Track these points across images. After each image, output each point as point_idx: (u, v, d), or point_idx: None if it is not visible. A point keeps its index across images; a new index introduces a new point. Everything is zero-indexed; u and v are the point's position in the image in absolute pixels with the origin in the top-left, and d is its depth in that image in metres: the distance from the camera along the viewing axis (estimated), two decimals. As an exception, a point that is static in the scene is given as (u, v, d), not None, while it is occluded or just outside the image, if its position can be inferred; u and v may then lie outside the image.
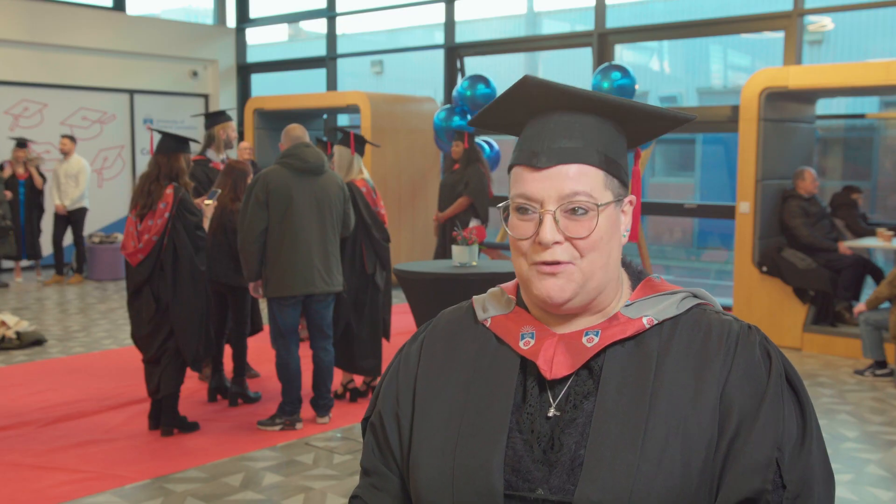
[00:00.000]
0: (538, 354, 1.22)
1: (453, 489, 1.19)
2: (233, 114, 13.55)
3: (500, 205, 1.26)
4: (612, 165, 1.21)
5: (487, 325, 1.30)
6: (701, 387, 1.16)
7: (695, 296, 1.26)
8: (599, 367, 1.20)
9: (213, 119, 6.11)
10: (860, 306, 6.38)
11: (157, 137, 4.97)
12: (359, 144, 5.58)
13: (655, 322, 1.21)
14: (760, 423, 1.14)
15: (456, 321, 1.35)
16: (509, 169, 1.25)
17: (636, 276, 1.30)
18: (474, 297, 1.37)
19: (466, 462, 1.19)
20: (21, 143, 10.45)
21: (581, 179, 1.18)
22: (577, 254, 1.18)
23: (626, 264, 1.30)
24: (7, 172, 10.35)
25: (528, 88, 1.22)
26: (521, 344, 1.24)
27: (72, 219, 10.54)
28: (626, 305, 1.24)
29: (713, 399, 1.15)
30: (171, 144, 4.92)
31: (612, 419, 1.15)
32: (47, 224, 10.78)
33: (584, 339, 1.21)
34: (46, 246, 10.93)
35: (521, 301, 1.30)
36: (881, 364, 6.37)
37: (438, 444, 1.23)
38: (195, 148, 5.51)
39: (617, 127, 1.24)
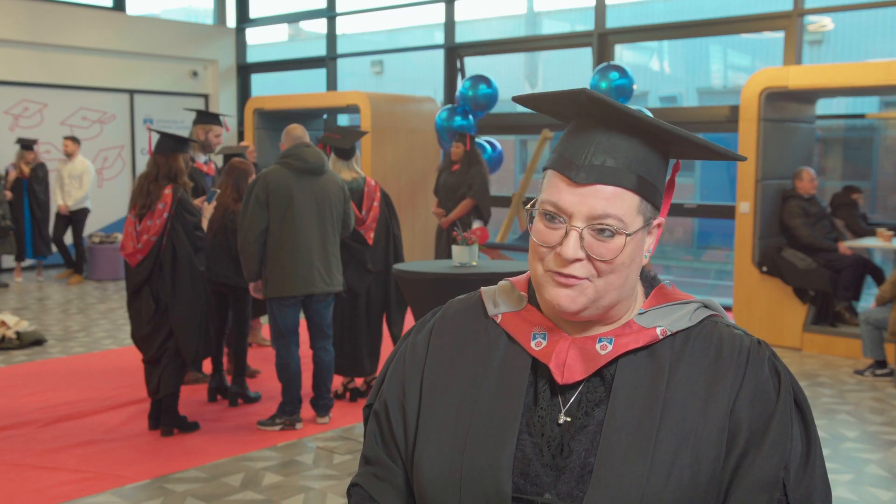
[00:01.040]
0: (550, 357, 1.21)
1: (461, 489, 1.18)
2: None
3: (528, 206, 1.24)
4: (648, 189, 1.19)
5: (498, 321, 1.29)
6: (711, 400, 1.16)
7: (706, 306, 1.26)
8: (611, 375, 1.20)
9: (198, 118, 5.98)
10: (872, 307, 6.40)
11: (155, 137, 4.97)
12: (337, 149, 5.55)
13: (669, 333, 1.21)
14: (769, 441, 1.15)
15: (465, 313, 1.33)
16: (544, 169, 1.23)
17: (649, 282, 1.29)
18: (482, 289, 1.35)
19: (475, 462, 1.18)
20: (27, 146, 10.46)
21: (615, 202, 1.16)
22: (596, 273, 1.17)
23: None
24: (13, 175, 10.35)
25: (581, 98, 1.19)
26: (532, 344, 1.23)
27: (73, 219, 10.55)
28: (640, 314, 1.23)
29: (723, 414, 1.16)
30: (170, 144, 4.91)
31: (623, 428, 1.15)
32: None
33: (597, 346, 1.21)
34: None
35: (532, 299, 1.29)
36: (881, 364, 6.37)
37: (446, 442, 1.21)
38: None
39: (661, 150, 1.22)
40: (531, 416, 1.20)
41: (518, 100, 1.32)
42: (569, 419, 1.19)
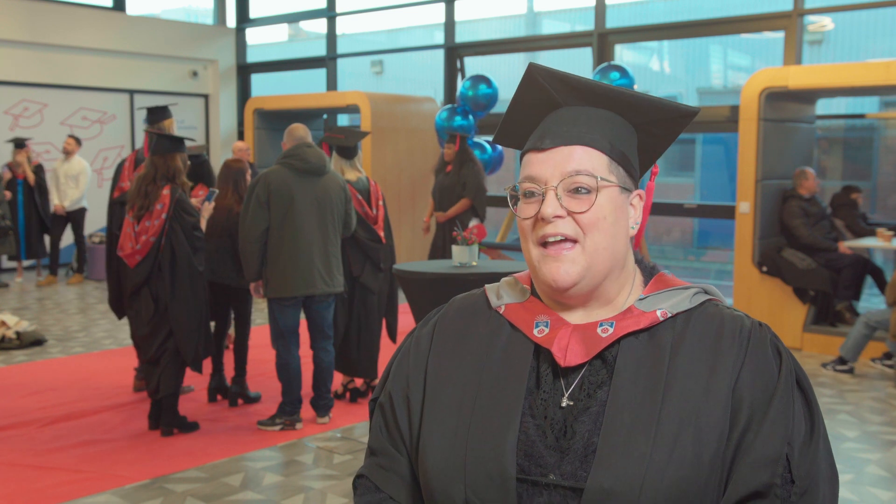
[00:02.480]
0: (552, 342, 1.23)
1: (465, 472, 1.19)
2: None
3: (507, 187, 1.28)
4: (618, 154, 1.23)
5: (501, 311, 1.31)
6: (713, 380, 1.17)
7: (705, 292, 1.28)
8: (613, 357, 1.22)
9: (158, 115, 5.59)
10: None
11: (152, 138, 4.96)
12: (339, 148, 5.55)
13: (669, 315, 1.23)
14: (771, 418, 1.16)
15: (469, 307, 1.36)
16: (521, 158, 1.28)
17: (648, 271, 1.32)
18: (486, 285, 1.38)
19: (479, 445, 1.20)
20: (19, 144, 10.43)
21: (584, 160, 1.21)
22: (580, 230, 1.20)
23: (637, 260, 1.32)
24: (8, 176, 10.33)
25: (534, 81, 1.25)
26: (535, 332, 1.26)
27: (71, 219, 10.53)
28: (640, 299, 1.25)
29: (725, 392, 1.16)
30: (168, 145, 4.90)
31: (626, 408, 1.16)
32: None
33: (598, 330, 1.23)
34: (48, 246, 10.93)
35: (535, 291, 1.32)
36: (843, 361, 6.43)
37: (451, 428, 1.23)
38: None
39: (626, 122, 1.27)
40: (534, 399, 1.22)
41: (497, 140, 1.38)
42: (571, 402, 1.20)
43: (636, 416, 1.15)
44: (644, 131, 1.29)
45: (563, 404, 1.20)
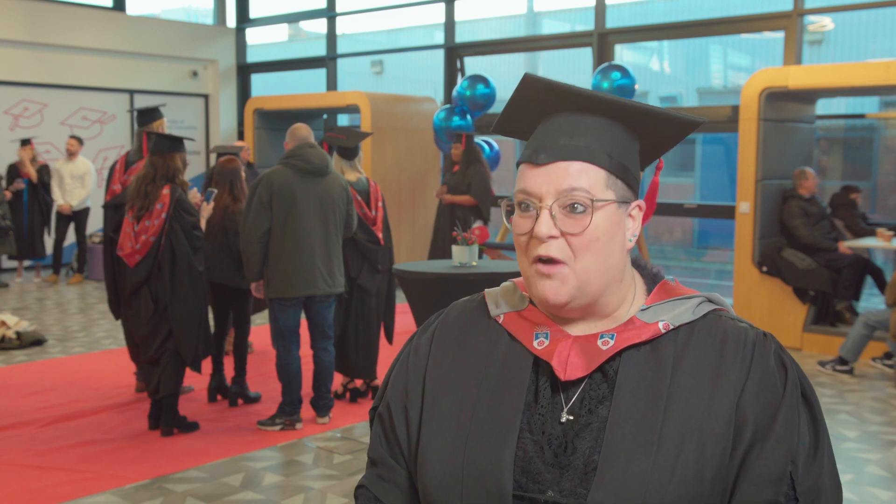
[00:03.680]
0: (552, 355, 1.21)
1: (462, 487, 1.18)
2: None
3: (503, 200, 1.25)
4: (618, 167, 1.20)
5: (500, 321, 1.29)
6: (716, 394, 1.15)
7: (710, 301, 1.25)
8: (615, 370, 1.19)
9: (148, 116, 5.60)
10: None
11: (150, 138, 4.96)
12: (340, 148, 5.54)
13: (672, 327, 1.20)
14: (775, 434, 1.13)
15: (468, 314, 1.33)
16: (517, 167, 1.26)
17: (651, 278, 1.28)
18: (486, 290, 1.36)
19: (476, 460, 1.18)
20: (25, 141, 10.45)
21: (581, 177, 1.17)
22: (571, 253, 1.17)
23: (640, 266, 1.29)
24: (20, 186, 10.33)
25: (531, 86, 1.22)
26: (535, 343, 1.23)
27: (76, 219, 10.54)
28: (642, 310, 1.23)
29: (729, 407, 1.14)
30: (167, 145, 4.90)
31: (627, 424, 1.14)
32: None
33: (599, 342, 1.20)
34: (48, 246, 10.93)
35: None
36: (843, 361, 6.42)
37: (448, 441, 1.22)
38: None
39: (627, 130, 1.23)
40: (532, 414, 1.20)
41: (496, 131, 1.36)
42: (571, 417, 1.18)
43: (637, 432, 1.13)
44: (645, 138, 1.26)
45: (563, 419, 1.18)
